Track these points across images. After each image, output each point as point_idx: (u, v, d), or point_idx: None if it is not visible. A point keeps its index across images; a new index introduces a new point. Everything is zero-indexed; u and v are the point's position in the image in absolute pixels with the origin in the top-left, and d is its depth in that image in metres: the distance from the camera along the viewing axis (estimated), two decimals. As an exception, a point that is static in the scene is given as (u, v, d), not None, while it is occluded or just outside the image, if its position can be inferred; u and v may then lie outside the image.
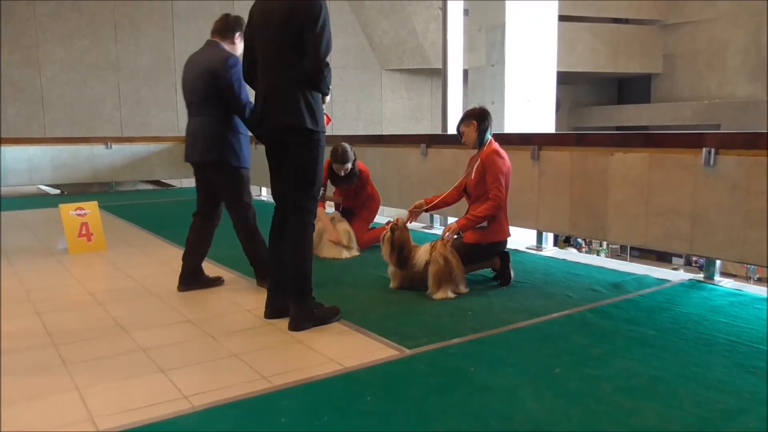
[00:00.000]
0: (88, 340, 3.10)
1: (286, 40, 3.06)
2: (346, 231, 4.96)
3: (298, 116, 3.08)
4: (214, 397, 2.38)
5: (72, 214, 5.20)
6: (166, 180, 12.04)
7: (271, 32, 3.09)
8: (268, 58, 3.14)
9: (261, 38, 3.15)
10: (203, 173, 3.97)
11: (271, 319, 3.32)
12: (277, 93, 3.11)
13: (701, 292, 3.78)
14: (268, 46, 3.13)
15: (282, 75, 3.11)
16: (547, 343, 2.93)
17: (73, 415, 2.26)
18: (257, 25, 3.18)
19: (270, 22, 3.09)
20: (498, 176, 3.87)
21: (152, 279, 4.32)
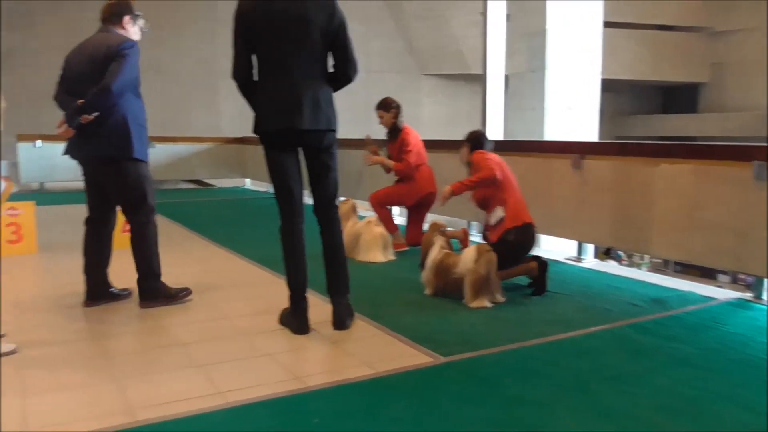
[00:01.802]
0: (128, 334, 3.18)
1: (311, 41, 3.03)
2: (382, 235, 4.96)
3: (333, 119, 3.15)
4: (248, 394, 2.40)
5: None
6: (206, 180, 12.25)
7: (291, 32, 2.99)
8: (285, 59, 3.01)
9: (273, 38, 2.99)
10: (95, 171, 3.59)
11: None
12: (311, 96, 3.04)
13: (748, 311, 3.66)
14: (291, 46, 3.00)
15: (311, 77, 3.06)
16: (584, 357, 2.88)
17: (111, 406, 2.31)
18: (264, 25, 2.98)
19: (287, 22, 2.97)
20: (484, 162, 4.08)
21: (191, 276, 4.38)
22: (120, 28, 3.53)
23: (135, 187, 3.52)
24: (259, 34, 3.00)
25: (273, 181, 3.19)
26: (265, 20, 2.98)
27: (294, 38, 3.00)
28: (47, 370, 2.65)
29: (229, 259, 5.03)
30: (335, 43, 3.11)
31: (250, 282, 4.25)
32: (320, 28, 3.03)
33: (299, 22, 2.99)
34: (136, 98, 3.51)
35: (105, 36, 3.47)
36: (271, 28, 2.98)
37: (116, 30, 3.52)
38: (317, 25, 3.02)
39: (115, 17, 3.52)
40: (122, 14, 3.53)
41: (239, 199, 9.89)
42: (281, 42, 3.00)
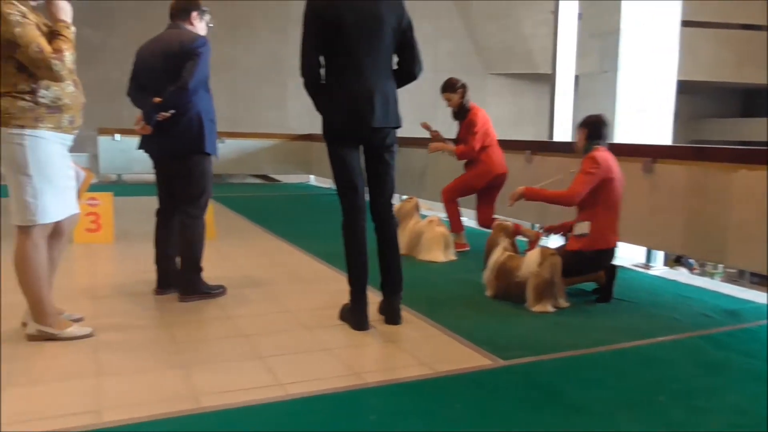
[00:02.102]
0: (194, 322, 3.29)
1: (387, 41, 3.08)
2: (444, 235, 4.94)
3: (398, 117, 3.21)
4: (307, 387, 2.45)
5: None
6: (272, 175, 12.52)
7: (366, 31, 3.02)
8: (358, 58, 3.04)
9: (348, 37, 3.00)
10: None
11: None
12: (382, 94, 3.10)
13: (830, 327, 3.45)
14: (365, 45, 3.03)
15: (382, 75, 3.11)
16: (651, 368, 2.78)
17: (177, 391, 2.40)
18: (339, 24, 2.98)
19: (368, 21, 3.02)
20: (584, 176, 3.78)
21: (256, 269, 4.50)
22: (188, 24, 3.64)
23: (198, 180, 3.62)
24: (333, 33, 3.01)
25: (337, 178, 3.22)
26: (340, 19, 2.99)
27: (368, 37, 3.04)
28: (119, 354, 2.77)
29: (292, 253, 5.12)
30: (403, 42, 3.16)
31: (311, 276, 4.32)
32: (391, 27, 3.08)
33: (374, 21, 3.03)
34: (206, 94, 3.63)
35: (177, 33, 3.58)
36: (346, 27, 3.00)
37: (185, 26, 3.63)
38: (389, 24, 3.07)
39: (183, 13, 3.64)
40: (190, 10, 3.64)
41: (303, 195, 10.07)
42: (356, 40, 3.02)
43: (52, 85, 2.67)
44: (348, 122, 3.09)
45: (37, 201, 2.70)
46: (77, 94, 2.80)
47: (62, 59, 2.60)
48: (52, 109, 2.68)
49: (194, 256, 3.62)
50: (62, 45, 2.62)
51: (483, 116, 5.23)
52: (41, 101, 2.65)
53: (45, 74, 2.59)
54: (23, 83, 2.62)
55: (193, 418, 2.19)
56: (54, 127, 2.70)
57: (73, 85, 2.78)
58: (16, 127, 2.61)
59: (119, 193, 6.13)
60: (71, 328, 2.91)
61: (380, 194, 3.27)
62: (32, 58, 2.54)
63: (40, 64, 2.56)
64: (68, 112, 2.76)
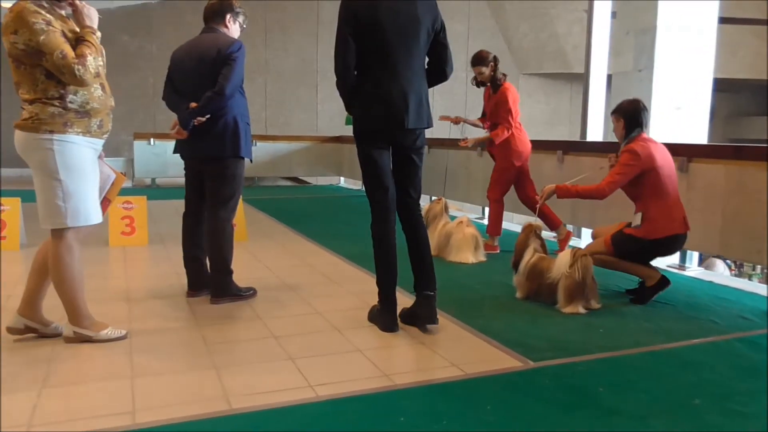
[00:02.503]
0: (226, 324, 3.33)
1: (422, 42, 3.09)
2: (473, 236, 4.91)
3: (431, 117, 3.21)
4: (337, 389, 2.46)
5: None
6: (303, 177, 12.63)
7: (403, 32, 3.03)
8: (395, 58, 3.04)
9: (385, 37, 3.00)
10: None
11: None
12: (416, 94, 3.11)
13: None
14: (401, 46, 3.04)
15: (416, 75, 3.12)
16: (687, 371, 2.72)
17: (209, 392, 2.43)
18: (376, 24, 2.99)
19: (405, 22, 3.03)
20: (620, 168, 3.71)
21: (287, 271, 4.54)
22: (223, 27, 3.68)
23: (231, 183, 3.65)
24: (370, 32, 3.01)
25: (368, 179, 3.21)
26: (378, 18, 2.99)
27: (404, 37, 3.04)
28: (153, 356, 2.82)
29: (322, 254, 5.15)
30: (436, 42, 3.17)
31: (341, 278, 4.33)
32: (427, 28, 3.09)
33: (410, 22, 3.04)
34: (242, 97, 3.66)
35: (213, 37, 3.61)
36: (382, 27, 3.00)
37: (220, 29, 3.66)
38: (425, 25, 3.08)
39: (218, 16, 3.67)
40: (225, 13, 3.67)
41: (333, 197, 10.12)
42: (392, 41, 3.02)
43: (80, 89, 2.73)
44: (382, 122, 3.09)
45: (68, 204, 2.75)
46: (105, 98, 2.85)
47: (85, 64, 2.65)
48: (81, 114, 2.74)
49: (224, 259, 3.66)
50: (86, 50, 2.68)
51: (514, 93, 5.12)
52: (70, 106, 2.71)
53: (70, 79, 2.65)
54: (53, 89, 2.68)
55: (224, 419, 2.21)
56: (83, 132, 2.76)
57: (101, 89, 2.83)
58: (45, 132, 2.67)
59: (153, 197, 6.26)
60: (107, 330, 2.97)
61: (409, 194, 3.26)
62: (56, 64, 2.60)
63: (65, 70, 2.62)
64: (97, 116, 2.81)
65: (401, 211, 3.26)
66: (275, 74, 14.75)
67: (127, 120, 13.54)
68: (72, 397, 2.38)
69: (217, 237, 3.65)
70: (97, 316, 3.02)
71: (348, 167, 11.44)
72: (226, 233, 3.67)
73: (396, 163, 3.23)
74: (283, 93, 14.86)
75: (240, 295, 3.72)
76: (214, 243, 3.65)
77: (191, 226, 3.78)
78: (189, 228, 3.78)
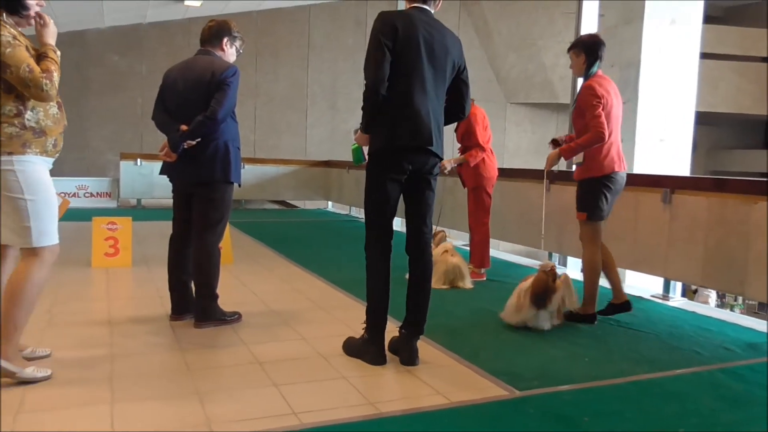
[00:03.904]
0: (209, 349, 3.29)
1: (447, 72, 3.10)
2: (457, 265, 4.90)
3: (443, 149, 3.16)
4: (322, 416, 2.43)
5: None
6: (291, 201, 12.62)
7: (435, 60, 3.03)
8: (425, 83, 3.01)
9: (420, 61, 2.99)
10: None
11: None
12: (439, 124, 3.11)
13: None
14: (430, 69, 3.02)
15: (439, 105, 3.11)
16: (671, 401, 2.73)
17: (191, 419, 2.39)
18: (415, 46, 2.98)
19: (436, 47, 3.02)
20: (591, 109, 3.73)
21: (272, 296, 4.51)
22: (219, 50, 3.67)
23: (219, 207, 3.63)
24: (406, 49, 2.96)
25: (373, 204, 3.10)
26: (416, 37, 2.97)
27: (435, 64, 3.04)
28: (134, 380, 2.78)
29: (309, 280, 5.13)
30: (459, 80, 3.18)
31: (328, 304, 4.31)
32: (453, 60, 3.11)
33: (441, 49, 3.05)
34: (233, 121, 3.66)
35: (209, 60, 3.59)
36: (419, 47, 2.98)
37: (216, 52, 3.66)
38: (452, 56, 3.10)
39: (215, 39, 3.67)
40: (222, 36, 3.67)
41: (321, 221, 10.12)
42: (426, 65, 3.01)
43: (37, 105, 2.68)
44: (408, 139, 2.99)
45: (36, 224, 2.67)
46: (60, 117, 2.81)
47: (52, 79, 2.62)
48: (37, 133, 2.69)
49: (210, 283, 3.63)
50: (51, 66, 2.65)
51: (482, 115, 5.22)
52: (27, 124, 2.65)
53: (35, 93, 2.61)
54: (11, 104, 2.62)
55: (206, 444, 2.18)
56: (40, 151, 2.70)
57: (56, 107, 2.79)
58: (5, 154, 2.61)
59: (139, 218, 6.21)
60: (31, 368, 2.74)
61: (425, 224, 3.16)
62: (22, 78, 2.56)
63: (31, 84, 2.57)
64: (52, 135, 2.75)
65: (413, 244, 3.16)
66: (265, 98, 14.83)
67: (114, 140, 13.53)
68: (49, 423, 2.33)
69: (203, 261, 3.62)
70: (76, 338, 2.96)
71: (336, 191, 11.46)
72: (213, 257, 3.65)
73: (413, 190, 3.12)
74: (272, 116, 14.94)
75: (224, 319, 3.69)
76: (201, 267, 3.62)
77: (178, 249, 3.75)
78: (175, 251, 3.75)
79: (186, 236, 3.70)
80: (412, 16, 3.03)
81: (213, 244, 3.64)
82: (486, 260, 5.31)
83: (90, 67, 13.44)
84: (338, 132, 15.09)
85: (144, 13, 13.00)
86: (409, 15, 3.04)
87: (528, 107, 16.87)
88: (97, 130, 13.61)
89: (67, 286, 4.56)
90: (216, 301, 3.68)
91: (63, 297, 4.22)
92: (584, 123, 3.81)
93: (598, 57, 3.86)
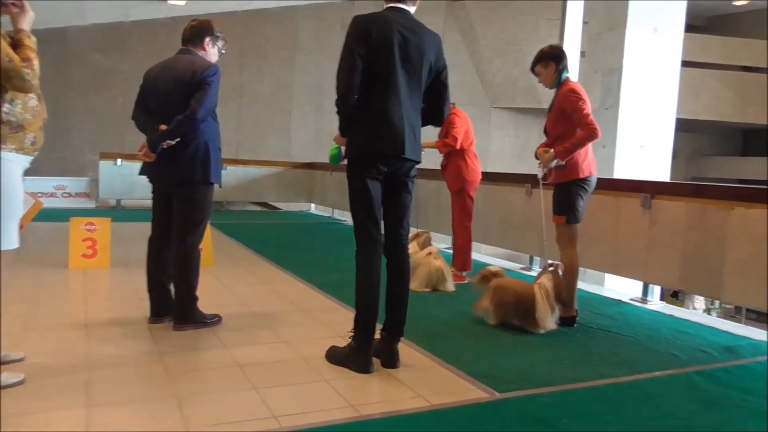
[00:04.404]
0: (189, 352, 3.26)
1: (424, 75, 3.05)
2: (440, 268, 4.91)
3: (420, 153, 3.14)
4: (302, 420, 2.42)
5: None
6: (273, 203, 12.56)
7: (410, 63, 2.98)
8: (399, 87, 2.98)
9: (394, 65, 2.95)
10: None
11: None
12: (414, 129, 3.06)
13: (829, 366, 3.43)
14: (405, 73, 2.98)
15: (416, 109, 3.07)
16: (649, 403, 2.76)
17: (169, 422, 2.37)
18: (388, 50, 2.93)
19: (412, 51, 2.98)
20: (579, 110, 3.78)
21: (253, 298, 4.48)
22: (201, 50, 3.64)
23: (199, 209, 3.59)
24: (380, 56, 2.93)
25: (359, 208, 3.06)
26: (391, 43, 2.93)
27: (410, 68, 3.00)
28: (111, 384, 2.75)
29: (291, 282, 5.11)
30: (438, 81, 3.14)
31: (309, 307, 4.30)
32: (430, 63, 3.06)
33: (418, 54, 3.00)
34: (214, 121, 3.63)
35: (189, 59, 3.57)
36: (393, 52, 2.94)
37: (197, 51, 3.63)
38: (429, 60, 3.05)
39: (197, 39, 3.64)
40: (204, 36, 3.64)
41: (304, 224, 10.08)
42: (400, 70, 2.96)
43: (15, 97, 2.58)
44: (383, 147, 2.97)
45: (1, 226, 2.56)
46: (40, 110, 2.71)
47: (33, 68, 2.52)
48: (15, 128, 2.59)
49: (189, 285, 3.60)
50: (30, 54, 2.55)
51: (464, 116, 5.27)
52: (4, 118, 2.55)
53: (18, 84, 2.51)
54: None
55: (184, 447, 2.16)
56: (17, 148, 2.60)
57: (36, 99, 2.69)
58: None
59: (118, 219, 6.14)
60: (4, 374, 2.66)
61: (402, 226, 3.13)
62: (3, 69, 2.46)
63: (12, 74, 2.48)
64: (30, 130, 2.65)
65: (391, 246, 3.13)
66: (250, 98, 14.76)
67: (94, 139, 13.36)
68: (24, 427, 2.29)
69: (183, 263, 3.59)
70: (52, 342, 2.90)
71: (319, 194, 11.43)
72: (193, 259, 3.62)
73: (389, 192, 3.10)
74: (256, 117, 14.86)
75: (204, 322, 3.66)
76: (181, 269, 3.59)
77: (157, 251, 3.71)
78: (155, 252, 3.71)
79: (166, 237, 3.67)
80: (387, 18, 2.99)
81: (193, 246, 3.61)
82: (468, 263, 5.34)
83: (71, 64, 13.28)
84: (322, 134, 15.05)
85: (127, 11, 12.89)
86: (384, 18, 2.99)
87: (512, 112, 16.96)
88: (77, 128, 13.44)
89: (44, 287, 4.49)
90: (196, 304, 3.64)
91: (39, 299, 4.16)
92: (566, 127, 3.86)
93: (565, 65, 3.97)
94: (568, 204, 3.95)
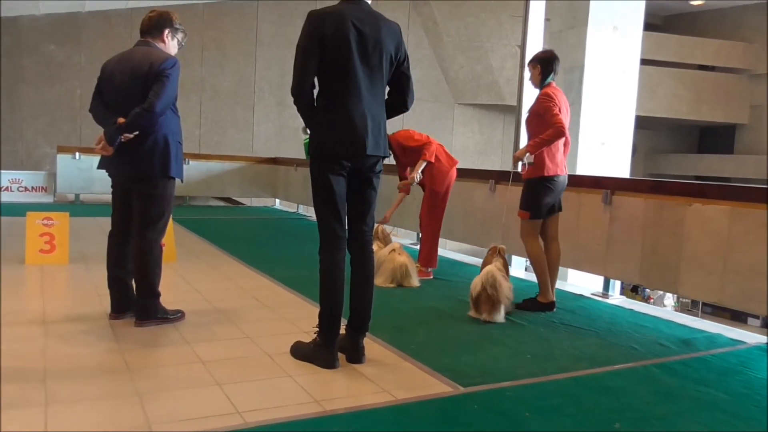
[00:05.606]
0: (150, 348, 3.21)
1: (382, 67, 3.01)
2: (404, 264, 4.92)
3: (387, 147, 3.12)
4: (266, 415, 2.40)
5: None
6: (237, 198, 12.43)
7: (367, 56, 2.94)
8: (358, 82, 2.93)
9: (350, 59, 2.90)
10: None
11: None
12: (375, 121, 3.02)
13: (779, 357, 3.56)
14: (363, 68, 2.94)
15: (377, 103, 3.04)
16: (608, 396, 2.82)
17: (130, 420, 2.33)
18: (342, 45, 2.89)
19: (368, 45, 2.93)
20: (549, 110, 4.05)
21: (216, 294, 4.43)
22: (160, 42, 3.57)
23: (159, 204, 3.53)
24: (336, 52, 2.89)
25: (322, 204, 3.03)
26: (346, 38, 2.88)
27: (369, 62, 2.95)
28: (69, 381, 2.68)
29: (254, 278, 5.07)
30: (399, 72, 3.11)
31: (273, 302, 4.27)
32: (390, 54, 3.03)
33: (375, 47, 2.95)
34: (174, 115, 3.56)
35: (147, 51, 3.49)
36: (350, 48, 2.89)
37: (156, 43, 3.56)
38: (387, 51, 3.01)
39: (155, 30, 3.56)
40: (163, 27, 3.57)
41: (268, 219, 10.00)
42: (355, 62, 2.92)
43: None
44: (343, 145, 2.95)
45: None
46: None
47: None
48: None
49: (151, 281, 3.53)
50: None
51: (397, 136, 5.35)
52: None
53: None
54: None
55: (145, 446, 2.12)
56: None
57: None
58: None
59: (76, 213, 6.00)
60: None
61: (365, 222, 3.12)
62: None
63: None
64: None
65: (354, 242, 3.11)
66: (211, 92, 14.55)
67: (50, 132, 13.01)
68: (-22, 425, 2.23)
69: (144, 258, 3.52)
70: (8, 338, 2.84)
71: (283, 189, 11.34)
72: (154, 254, 3.55)
73: (353, 188, 3.07)
74: (218, 112, 14.66)
75: (166, 318, 3.60)
76: (141, 264, 3.52)
77: (117, 246, 3.63)
78: (115, 247, 3.63)
79: (126, 232, 3.59)
80: (342, 13, 2.93)
81: (154, 241, 3.54)
82: (434, 260, 5.35)
83: (23, 55, 12.87)
84: (286, 129, 14.94)
85: (83, 1, 12.55)
86: (339, 13, 2.93)
87: (475, 108, 17.11)
88: (31, 121, 13.05)
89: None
90: (158, 299, 3.58)
91: (-7, 295, 4.04)
92: (539, 126, 4.12)
93: (552, 70, 4.25)
94: (532, 200, 4.23)
